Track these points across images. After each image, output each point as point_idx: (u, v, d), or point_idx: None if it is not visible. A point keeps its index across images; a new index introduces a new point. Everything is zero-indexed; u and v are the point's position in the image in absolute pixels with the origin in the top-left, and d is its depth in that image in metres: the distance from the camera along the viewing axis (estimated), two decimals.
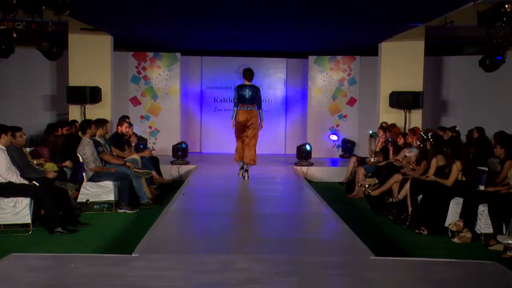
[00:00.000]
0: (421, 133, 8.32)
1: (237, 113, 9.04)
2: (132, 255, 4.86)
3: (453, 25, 9.49)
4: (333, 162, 12.28)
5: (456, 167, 6.95)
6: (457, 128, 9.54)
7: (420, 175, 7.48)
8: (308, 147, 11.32)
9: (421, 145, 7.78)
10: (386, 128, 9.91)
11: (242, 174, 9.37)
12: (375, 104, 12.31)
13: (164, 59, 13.14)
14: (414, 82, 11.52)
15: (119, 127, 9.42)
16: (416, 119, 11.65)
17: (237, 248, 5.40)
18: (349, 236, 5.74)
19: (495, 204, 6.16)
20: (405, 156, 8.19)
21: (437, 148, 7.41)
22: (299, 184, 9.40)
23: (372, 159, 9.19)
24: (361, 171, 9.11)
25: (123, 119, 9.88)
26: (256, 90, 8.96)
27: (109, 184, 7.86)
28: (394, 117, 11.39)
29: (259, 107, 8.99)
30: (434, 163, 7.26)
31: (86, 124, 8.32)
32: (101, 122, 8.68)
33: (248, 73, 9.02)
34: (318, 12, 8.73)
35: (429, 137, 7.59)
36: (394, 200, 7.51)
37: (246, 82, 9.03)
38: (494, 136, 8.38)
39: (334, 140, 13.26)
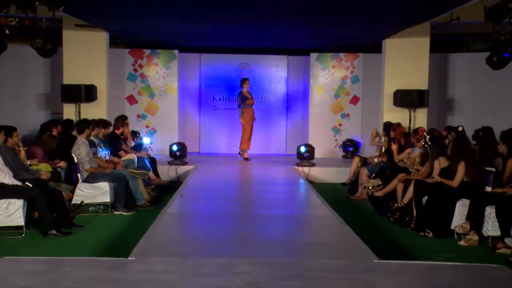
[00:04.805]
0: (424, 133, 8.20)
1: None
2: (129, 258, 4.81)
3: (459, 21, 9.41)
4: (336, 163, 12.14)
5: (461, 167, 6.85)
6: (459, 129, 9.44)
7: (424, 177, 7.34)
8: (302, 149, 11.13)
9: (425, 146, 7.64)
10: (390, 128, 9.81)
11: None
12: (378, 102, 12.17)
13: (161, 57, 12.97)
14: (419, 80, 11.39)
15: (120, 128, 9.29)
16: (421, 118, 11.53)
17: (236, 251, 5.33)
18: (351, 238, 5.68)
19: (502, 206, 6.05)
20: (409, 156, 8.08)
21: (437, 150, 7.30)
22: (300, 185, 9.33)
23: (375, 160, 9.11)
24: (364, 172, 9.03)
25: (122, 119, 9.72)
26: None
27: (104, 185, 7.74)
28: (398, 116, 11.28)
29: (239, 106, 11.76)
30: (436, 165, 7.15)
31: (84, 123, 8.19)
32: (105, 123, 8.88)
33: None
34: (320, 7, 8.63)
35: (427, 139, 7.46)
36: (399, 205, 7.39)
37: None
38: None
39: None
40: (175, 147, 11.12)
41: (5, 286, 4.13)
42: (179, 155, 11.08)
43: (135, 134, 10.63)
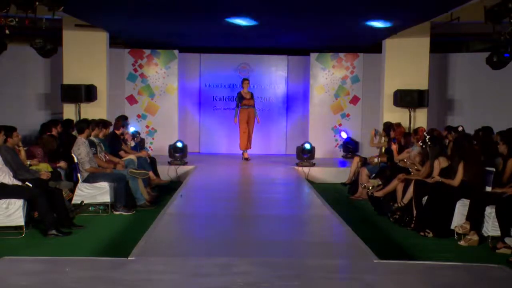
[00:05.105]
0: (424, 133, 8.18)
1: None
2: (129, 258, 4.81)
3: (459, 21, 9.39)
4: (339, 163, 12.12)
5: (462, 167, 6.82)
6: (459, 129, 9.44)
7: (424, 177, 7.33)
8: (307, 146, 11.12)
9: (424, 146, 7.63)
10: (390, 128, 9.80)
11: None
12: (378, 102, 12.15)
13: (161, 57, 12.96)
14: (419, 80, 11.39)
15: (121, 128, 9.28)
16: (421, 118, 11.53)
17: (236, 251, 5.31)
18: (351, 238, 5.67)
19: (502, 206, 6.03)
20: (408, 156, 8.07)
21: (437, 150, 7.29)
22: (300, 185, 9.31)
23: (375, 160, 9.09)
24: (364, 172, 9.01)
25: (122, 120, 9.71)
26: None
27: (104, 185, 7.72)
28: (398, 116, 11.27)
29: (236, 106, 11.84)
30: (436, 165, 7.14)
31: (84, 123, 8.18)
32: (105, 123, 8.86)
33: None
34: (320, 7, 8.59)
35: (426, 139, 7.45)
36: (399, 205, 7.38)
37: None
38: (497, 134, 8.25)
39: (344, 138, 13.00)
40: (180, 144, 11.07)
41: (5, 286, 4.11)
42: (179, 155, 11.06)
43: (135, 134, 10.62)
